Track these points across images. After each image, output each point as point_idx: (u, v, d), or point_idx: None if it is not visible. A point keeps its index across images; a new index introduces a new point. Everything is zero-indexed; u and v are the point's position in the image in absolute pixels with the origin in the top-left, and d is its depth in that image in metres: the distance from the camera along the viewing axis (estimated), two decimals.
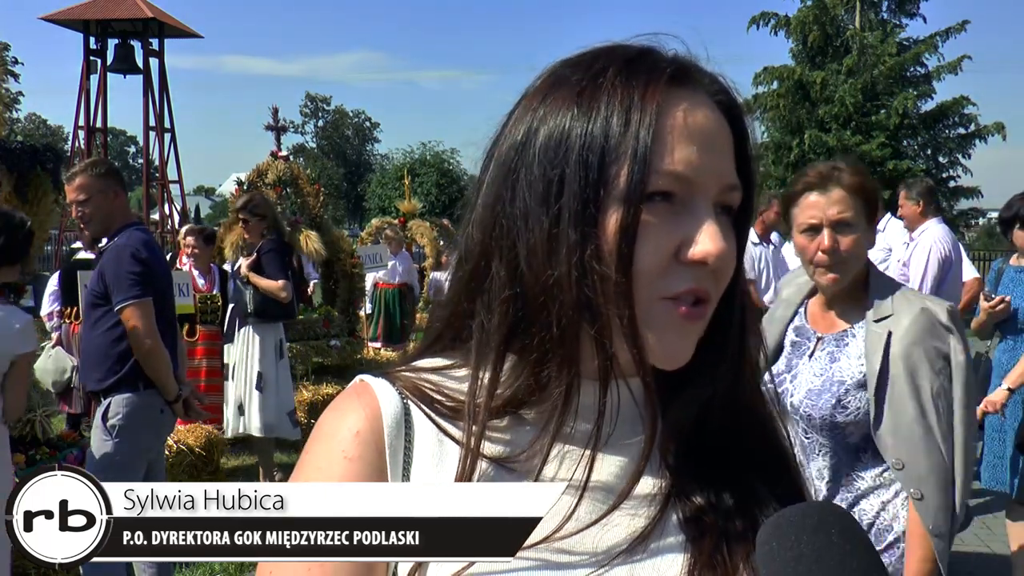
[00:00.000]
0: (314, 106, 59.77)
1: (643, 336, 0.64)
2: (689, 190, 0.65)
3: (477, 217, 0.71)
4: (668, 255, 0.64)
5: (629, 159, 0.64)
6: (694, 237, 0.64)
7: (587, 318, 0.64)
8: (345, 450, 0.68)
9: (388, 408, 0.69)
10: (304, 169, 8.11)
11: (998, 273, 4.12)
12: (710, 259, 0.64)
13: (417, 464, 0.68)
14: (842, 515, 0.55)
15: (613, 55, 0.68)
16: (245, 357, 5.40)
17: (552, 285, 0.65)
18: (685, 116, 0.65)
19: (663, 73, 0.66)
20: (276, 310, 5.31)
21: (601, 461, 0.68)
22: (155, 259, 3.41)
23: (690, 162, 0.64)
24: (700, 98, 0.68)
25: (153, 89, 18.51)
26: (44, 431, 4.26)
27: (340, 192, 51.59)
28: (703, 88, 0.69)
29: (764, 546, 0.55)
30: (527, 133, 0.68)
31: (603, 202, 0.64)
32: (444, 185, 34.39)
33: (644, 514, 0.68)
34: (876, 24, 20.83)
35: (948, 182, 20.20)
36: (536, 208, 0.66)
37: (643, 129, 0.64)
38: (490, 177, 0.70)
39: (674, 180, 0.64)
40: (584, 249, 0.64)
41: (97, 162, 3.53)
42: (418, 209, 12.03)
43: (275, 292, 5.18)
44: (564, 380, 0.66)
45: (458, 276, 0.73)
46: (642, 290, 0.64)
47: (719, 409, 0.71)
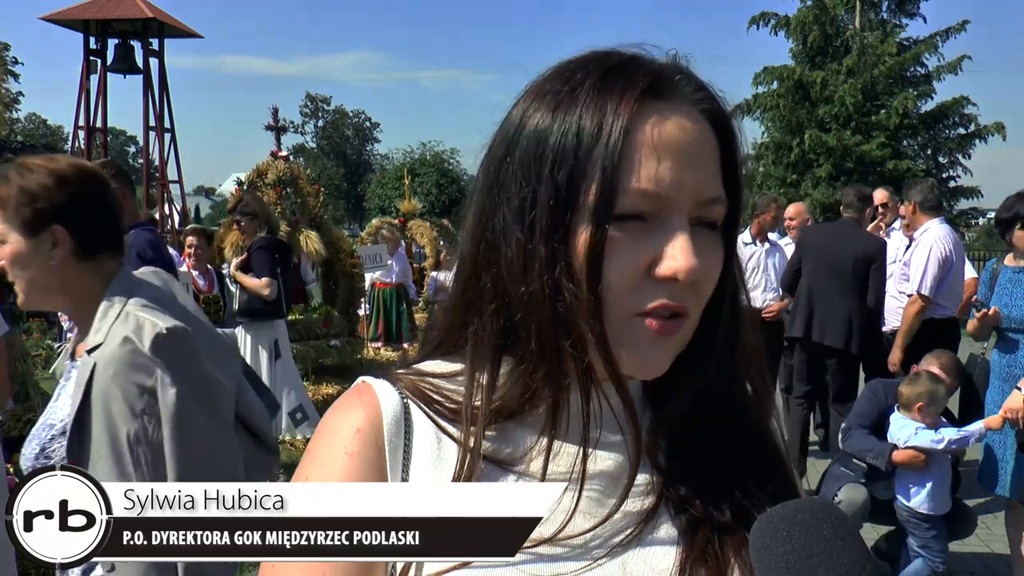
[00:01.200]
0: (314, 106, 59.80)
1: (615, 351, 0.65)
2: (661, 206, 0.64)
3: (467, 228, 0.72)
4: (639, 272, 0.64)
5: (598, 177, 0.63)
6: (665, 252, 0.64)
7: (562, 333, 0.65)
8: (346, 447, 0.69)
9: (388, 407, 0.70)
10: (304, 169, 8.11)
11: (993, 273, 4.11)
12: (680, 275, 0.63)
13: (416, 462, 0.69)
14: (834, 511, 0.56)
15: (592, 66, 0.67)
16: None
17: (528, 300, 0.66)
18: (656, 130, 0.64)
19: (637, 85, 0.65)
20: (262, 309, 5.27)
21: (596, 463, 0.69)
22: (161, 260, 3.41)
23: (661, 179, 0.63)
24: (681, 108, 0.66)
25: (153, 89, 18.53)
26: None
27: (340, 192, 51.64)
28: (685, 98, 0.67)
29: (757, 542, 0.56)
30: (508, 146, 0.68)
31: (572, 219, 0.64)
32: (444, 185, 34.43)
33: (636, 509, 0.69)
34: (876, 24, 20.86)
35: (948, 182, 20.22)
36: (512, 224, 0.66)
37: (611, 145, 0.63)
38: (478, 189, 0.71)
39: (642, 199, 0.63)
40: (554, 266, 0.64)
41: (106, 163, 3.58)
42: (418, 209, 12.03)
43: (259, 290, 5.16)
44: (552, 389, 0.68)
45: (454, 285, 0.74)
46: (614, 306, 0.64)
47: (710, 407, 0.72)
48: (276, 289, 5.23)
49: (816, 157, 19.85)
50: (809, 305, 5.33)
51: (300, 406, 5.51)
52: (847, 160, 19.32)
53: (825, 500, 0.58)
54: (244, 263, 5.28)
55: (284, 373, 5.51)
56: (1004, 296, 3.96)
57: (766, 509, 0.59)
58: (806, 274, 5.43)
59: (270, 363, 5.41)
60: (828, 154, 19.55)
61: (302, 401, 5.50)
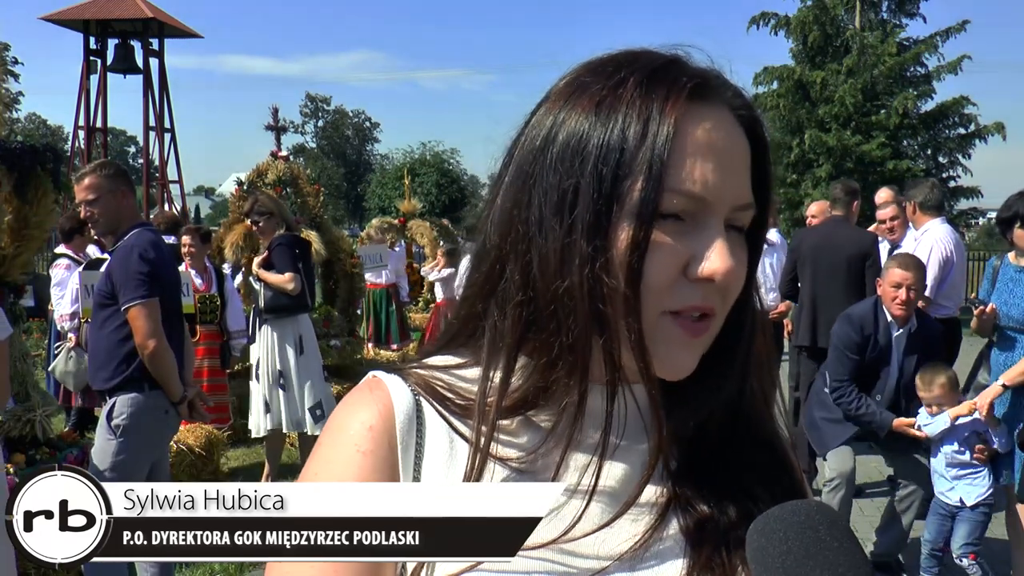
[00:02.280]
0: (314, 106, 59.76)
1: (649, 349, 0.65)
2: (701, 208, 0.65)
3: (495, 219, 0.71)
4: (676, 271, 0.65)
5: (644, 175, 0.63)
6: (703, 254, 0.65)
7: (596, 328, 0.65)
8: (358, 444, 0.68)
9: (400, 404, 0.70)
10: (304, 169, 8.10)
11: (994, 270, 4.11)
12: (717, 277, 0.64)
13: (428, 461, 0.68)
14: (829, 512, 0.56)
15: (636, 64, 0.67)
16: (266, 355, 5.39)
17: (563, 294, 0.65)
18: (703, 133, 0.65)
19: (684, 87, 0.65)
20: (288, 304, 5.29)
21: (608, 466, 0.69)
22: (162, 260, 3.41)
23: (704, 181, 0.64)
24: (721, 114, 0.67)
25: (153, 89, 18.53)
26: (44, 431, 4.26)
27: (340, 192, 51.62)
28: (725, 103, 0.68)
29: (753, 544, 0.56)
30: (545, 139, 0.68)
31: (615, 216, 0.64)
32: (444, 185, 34.38)
33: (645, 518, 0.68)
34: (876, 24, 20.84)
35: (948, 182, 20.20)
36: (550, 217, 0.66)
37: (659, 145, 0.63)
38: (509, 180, 0.70)
39: (686, 199, 0.64)
40: (595, 262, 0.64)
41: (106, 163, 3.58)
42: (418, 209, 12.01)
43: (283, 285, 5.18)
44: (575, 385, 0.67)
45: (474, 277, 0.73)
46: (649, 304, 0.64)
47: (722, 414, 0.72)
48: (300, 283, 5.24)
49: (816, 157, 19.83)
50: (812, 312, 5.33)
51: (320, 402, 5.45)
52: (847, 160, 19.30)
53: (820, 502, 0.58)
54: (266, 261, 5.29)
55: (307, 368, 5.46)
56: (1004, 294, 3.97)
57: None
58: (805, 280, 5.42)
59: (296, 358, 5.39)
60: (828, 154, 19.53)
61: (322, 397, 5.45)
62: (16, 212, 4.34)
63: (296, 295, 5.24)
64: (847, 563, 0.53)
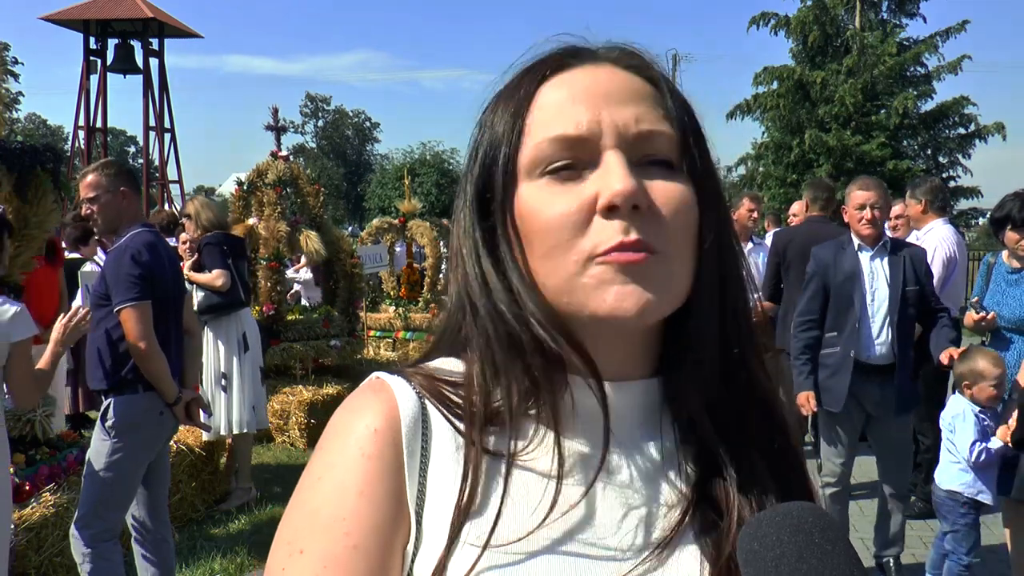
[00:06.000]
0: (314, 106, 59.69)
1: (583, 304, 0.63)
2: (585, 150, 0.65)
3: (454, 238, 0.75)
4: (583, 213, 0.63)
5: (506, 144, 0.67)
6: (599, 183, 0.63)
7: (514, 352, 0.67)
8: (363, 447, 0.66)
9: (406, 407, 0.68)
10: (304, 169, 8.08)
11: (988, 267, 4.12)
12: (617, 199, 0.61)
13: (435, 464, 0.67)
14: (822, 515, 0.56)
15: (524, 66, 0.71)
16: (208, 358, 5.27)
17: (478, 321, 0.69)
18: (570, 87, 0.67)
19: (548, 61, 0.69)
20: (220, 303, 5.22)
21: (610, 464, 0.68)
22: (158, 262, 3.38)
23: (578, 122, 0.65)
24: (596, 67, 0.68)
25: (153, 89, 18.54)
26: (44, 431, 4.26)
27: (340, 192, 51.57)
28: (602, 59, 0.69)
29: (746, 547, 0.56)
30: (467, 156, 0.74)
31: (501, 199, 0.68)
32: (444, 185, 34.35)
33: (662, 522, 0.67)
34: (876, 24, 20.86)
35: (948, 182, 20.21)
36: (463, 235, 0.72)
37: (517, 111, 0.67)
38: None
39: (560, 145, 0.65)
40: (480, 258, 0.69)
41: (110, 162, 3.55)
42: (418, 209, 11.98)
43: (211, 283, 5.14)
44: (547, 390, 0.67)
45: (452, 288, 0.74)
46: (568, 254, 0.63)
47: (727, 410, 0.70)
48: (229, 279, 5.18)
49: (816, 157, 19.83)
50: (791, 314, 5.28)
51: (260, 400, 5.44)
52: (847, 160, 19.30)
53: (812, 504, 0.58)
54: (196, 263, 5.26)
55: (251, 366, 5.38)
56: (997, 294, 3.99)
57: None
58: (789, 285, 5.35)
59: (239, 356, 5.31)
60: (828, 154, 19.54)
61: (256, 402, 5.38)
62: (16, 212, 4.33)
63: (226, 291, 5.18)
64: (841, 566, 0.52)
